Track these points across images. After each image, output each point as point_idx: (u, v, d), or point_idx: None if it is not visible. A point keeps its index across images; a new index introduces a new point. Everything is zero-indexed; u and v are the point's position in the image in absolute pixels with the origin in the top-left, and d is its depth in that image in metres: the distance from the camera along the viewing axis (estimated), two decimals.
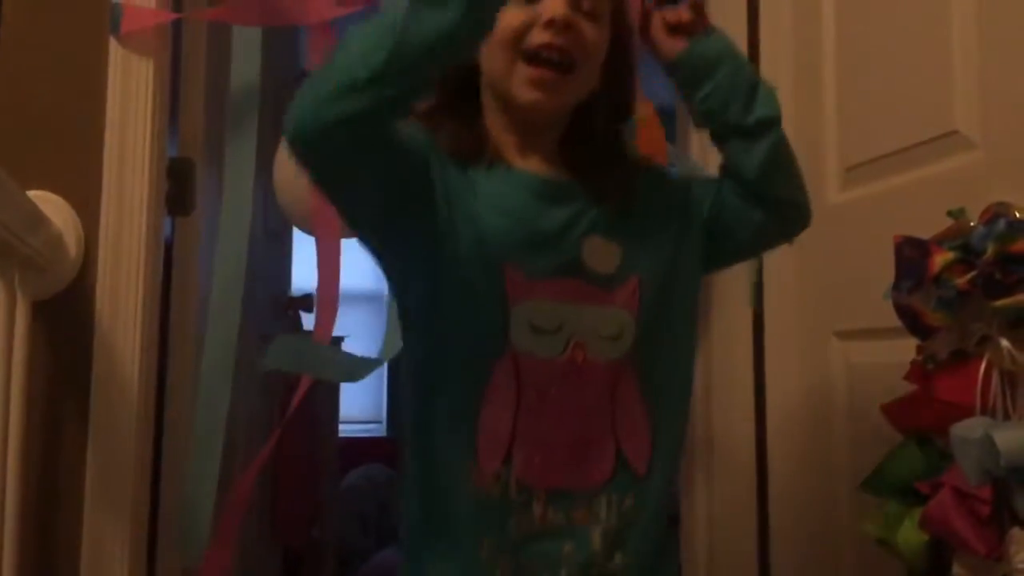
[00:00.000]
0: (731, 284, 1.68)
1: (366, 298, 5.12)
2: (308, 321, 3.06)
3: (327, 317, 1.64)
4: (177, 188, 1.53)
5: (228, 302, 1.54)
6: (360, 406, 5.08)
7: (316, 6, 1.56)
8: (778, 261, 1.56)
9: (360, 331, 5.23)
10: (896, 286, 1.11)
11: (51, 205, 1.38)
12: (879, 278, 1.14)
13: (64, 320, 1.39)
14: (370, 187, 0.87)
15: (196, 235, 1.62)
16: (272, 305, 2.52)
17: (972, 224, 1.07)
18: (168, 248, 1.54)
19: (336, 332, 1.75)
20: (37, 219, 1.28)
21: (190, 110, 1.60)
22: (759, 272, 1.62)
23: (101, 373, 1.38)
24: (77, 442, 1.38)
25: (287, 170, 1.72)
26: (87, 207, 1.41)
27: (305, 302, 2.61)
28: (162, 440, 1.51)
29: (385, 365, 1.56)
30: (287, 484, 2.56)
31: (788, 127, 1.58)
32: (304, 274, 3.55)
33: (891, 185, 1.31)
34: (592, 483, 0.94)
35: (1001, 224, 1.03)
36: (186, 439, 1.53)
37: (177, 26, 1.53)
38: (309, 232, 1.77)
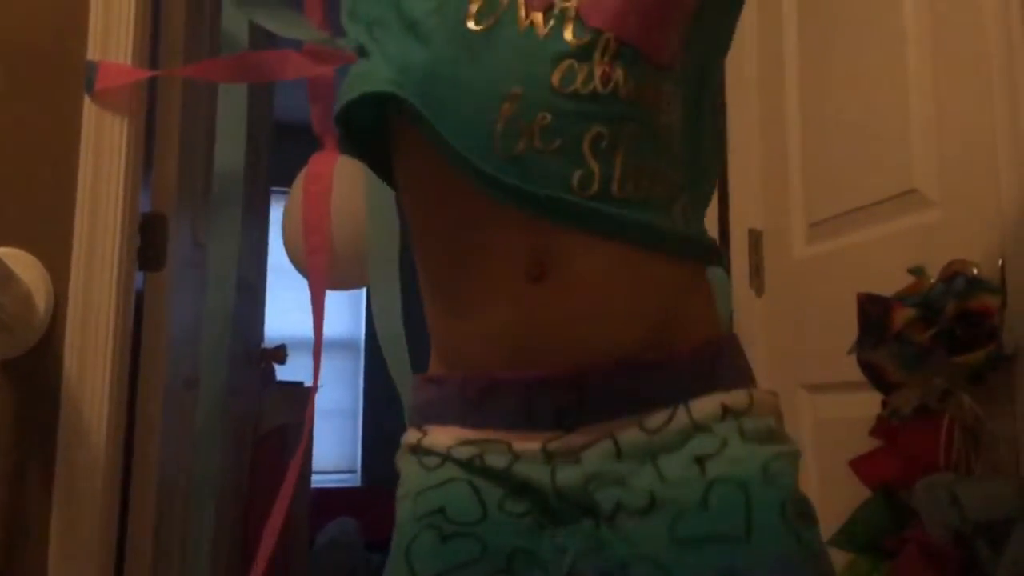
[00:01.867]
0: None
1: (342, 345, 5.11)
2: (281, 372, 3.05)
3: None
4: (149, 243, 1.53)
5: (216, 358, 1.55)
6: (334, 455, 5.03)
7: (293, 63, 1.59)
8: (746, 313, 1.58)
9: (336, 378, 5.21)
10: (859, 342, 1.13)
11: (21, 262, 1.37)
12: (846, 332, 1.16)
13: (31, 379, 1.38)
14: None
15: (167, 290, 1.62)
16: (245, 357, 2.51)
17: (932, 281, 1.10)
18: (139, 303, 1.54)
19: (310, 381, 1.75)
20: (5, 277, 1.28)
21: (163, 165, 1.61)
22: (728, 324, 1.64)
23: (68, 432, 1.37)
24: (42, 501, 1.36)
25: (293, 218, 1.74)
26: (57, 264, 1.40)
27: (277, 354, 2.60)
28: (128, 498, 1.49)
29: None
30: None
31: (755, 181, 1.62)
32: (277, 324, 3.55)
33: (854, 241, 1.34)
34: None
35: (960, 282, 1.06)
36: (153, 496, 1.52)
37: (152, 81, 1.54)
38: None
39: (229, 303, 1.56)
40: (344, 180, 1.62)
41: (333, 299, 1.79)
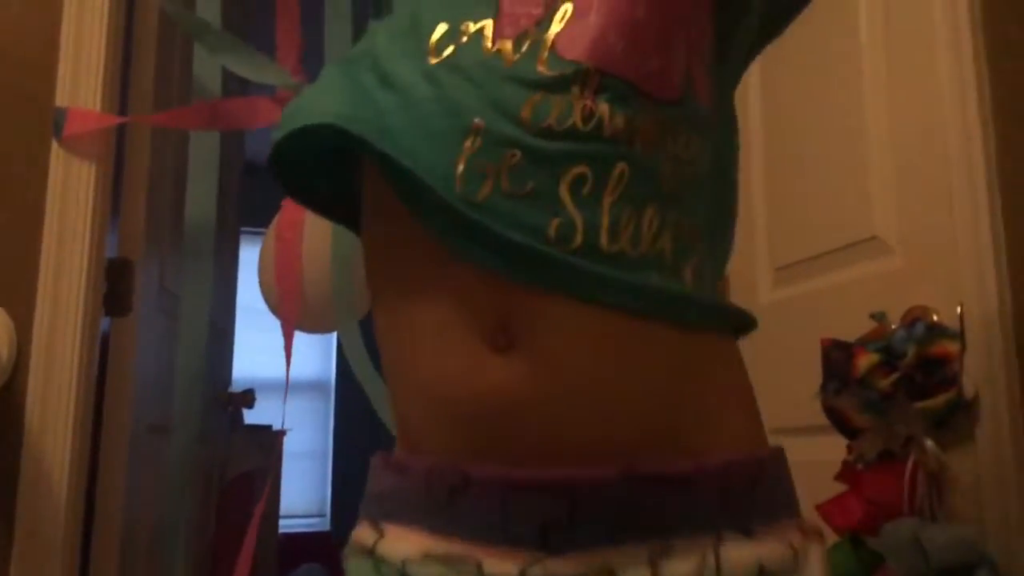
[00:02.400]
0: None
1: (312, 386, 5.07)
2: (249, 416, 3.01)
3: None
4: (115, 289, 1.52)
5: (189, 406, 1.54)
6: (303, 499, 4.96)
7: (264, 110, 1.59)
8: None
9: (305, 420, 5.16)
10: (823, 387, 1.14)
11: None
12: (812, 376, 1.17)
13: None
14: None
15: (133, 335, 1.60)
16: (212, 401, 2.48)
17: (893, 327, 1.12)
18: (104, 348, 1.52)
19: (280, 424, 1.74)
20: None
21: (131, 210, 1.60)
22: None
23: (29, 480, 1.34)
24: (2, 550, 1.33)
25: (268, 262, 1.73)
26: (21, 310, 1.39)
27: (246, 398, 2.57)
28: (90, 548, 1.46)
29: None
30: None
31: None
32: (245, 366, 3.51)
33: (818, 286, 1.36)
34: None
35: (920, 328, 1.08)
36: (116, 546, 1.49)
37: (120, 125, 1.54)
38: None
39: (202, 349, 1.55)
40: (318, 224, 1.62)
41: (303, 339, 1.78)
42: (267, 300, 1.83)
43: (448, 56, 0.57)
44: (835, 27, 1.34)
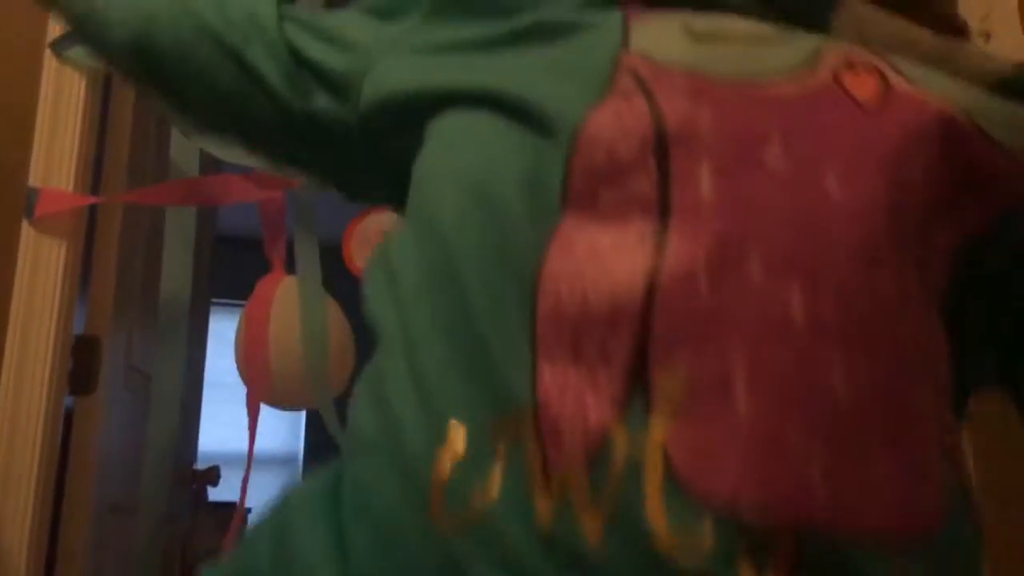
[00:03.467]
0: None
1: (279, 460, 4.98)
2: (213, 494, 2.95)
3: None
4: (81, 366, 1.51)
5: (156, 483, 1.51)
6: None
7: (238, 187, 1.61)
8: None
9: (272, 495, 5.05)
10: None
11: None
12: None
13: None
14: None
15: (98, 413, 1.58)
16: (177, 478, 2.44)
17: None
18: (68, 425, 1.50)
19: (248, 501, 1.72)
20: None
21: (100, 287, 1.60)
22: None
23: None
24: None
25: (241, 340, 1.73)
26: None
27: (210, 474, 2.53)
28: None
29: None
30: None
31: None
32: (212, 439, 3.45)
33: None
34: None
35: None
36: None
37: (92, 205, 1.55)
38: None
39: (171, 429, 1.54)
40: (289, 302, 1.63)
41: (271, 412, 1.77)
42: (241, 376, 1.82)
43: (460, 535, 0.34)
44: None
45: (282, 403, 1.76)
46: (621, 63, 0.43)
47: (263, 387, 1.57)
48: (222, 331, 2.79)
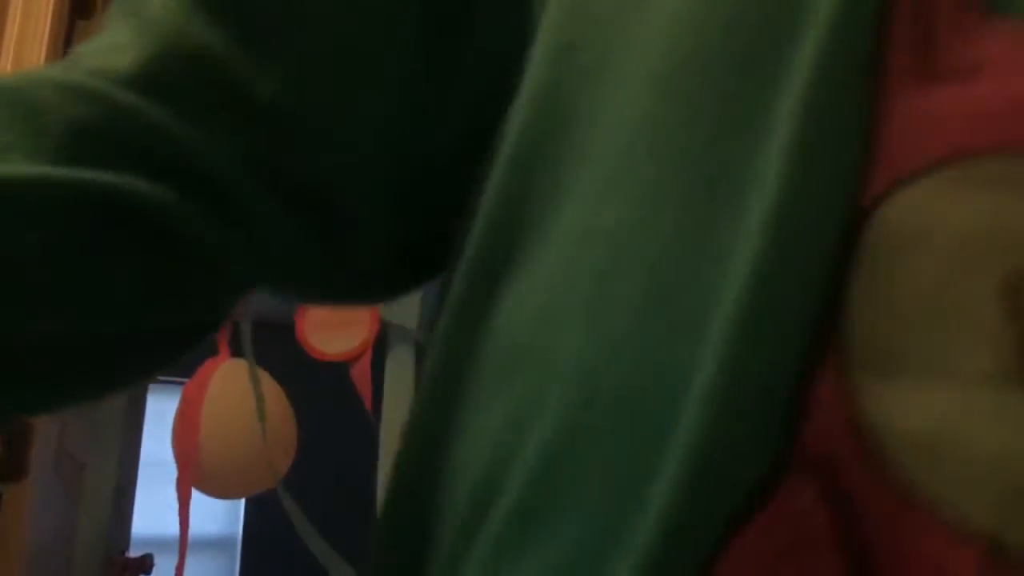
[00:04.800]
0: None
1: (216, 544, 4.83)
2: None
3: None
4: (10, 453, 1.46)
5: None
6: None
7: None
8: None
9: None
10: None
11: None
12: None
13: None
14: None
15: (27, 502, 1.53)
16: (107, 566, 2.35)
17: None
18: None
19: None
20: None
21: None
22: None
23: None
24: None
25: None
26: None
27: (144, 562, 2.44)
28: None
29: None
30: None
31: None
32: (147, 523, 3.34)
33: None
34: None
35: None
36: None
37: None
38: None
39: (104, 518, 1.50)
40: (227, 385, 1.61)
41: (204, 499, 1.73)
42: (175, 458, 1.78)
43: None
44: None
45: (211, 490, 1.72)
46: None
47: (193, 472, 1.54)
48: (163, 409, 2.73)
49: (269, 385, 1.62)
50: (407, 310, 1.68)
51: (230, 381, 1.61)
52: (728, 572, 0.20)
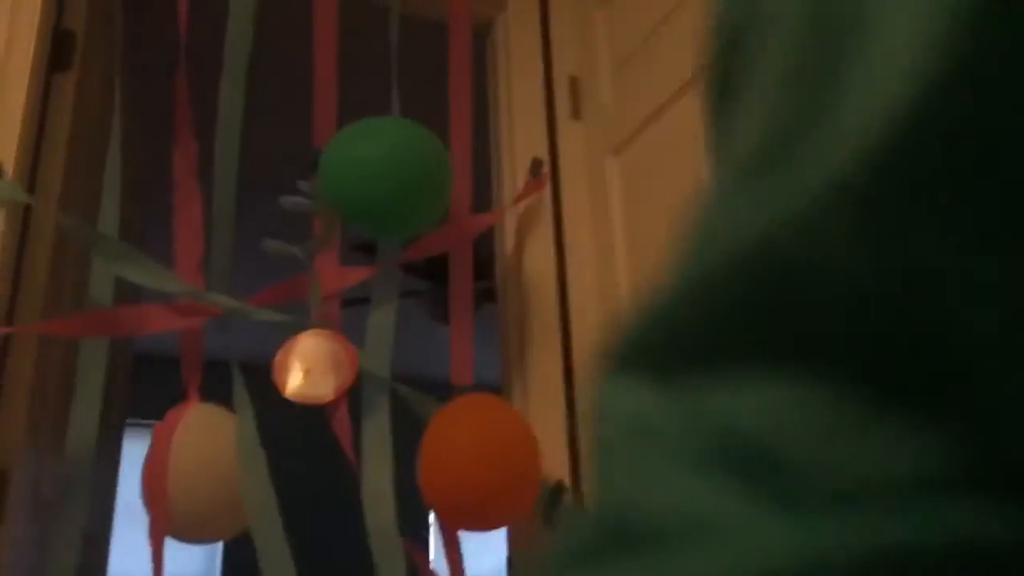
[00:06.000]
0: None
1: None
2: None
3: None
4: None
5: None
6: None
7: (155, 318, 1.62)
8: None
9: None
10: None
11: None
12: None
13: None
14: None
15: (3, 547, 1.54)
16: None
17: None
18: None
19: None
20: None
21: (11, 420, 1.57)
22: None
23: None
24: None
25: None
26: None
27: None
28: None
29: None
30: None
31: None
32: (123, 566, 3.31)
33: None
34: None
35: None
36: None
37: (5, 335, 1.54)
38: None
39: (73, 566, 1.50)
40: (195, 430, 1.62)
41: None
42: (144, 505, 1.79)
43: None
44: None
45: (181, 535, 1.72)
46: None
47: (163, 519, 1.55)
48: (138, 453, 2.73)
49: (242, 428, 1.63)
50: (380, 358, 1.71)
51: (198, 425, 1.62)
52: None
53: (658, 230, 1.60)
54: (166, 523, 1.56)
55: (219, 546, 4.81)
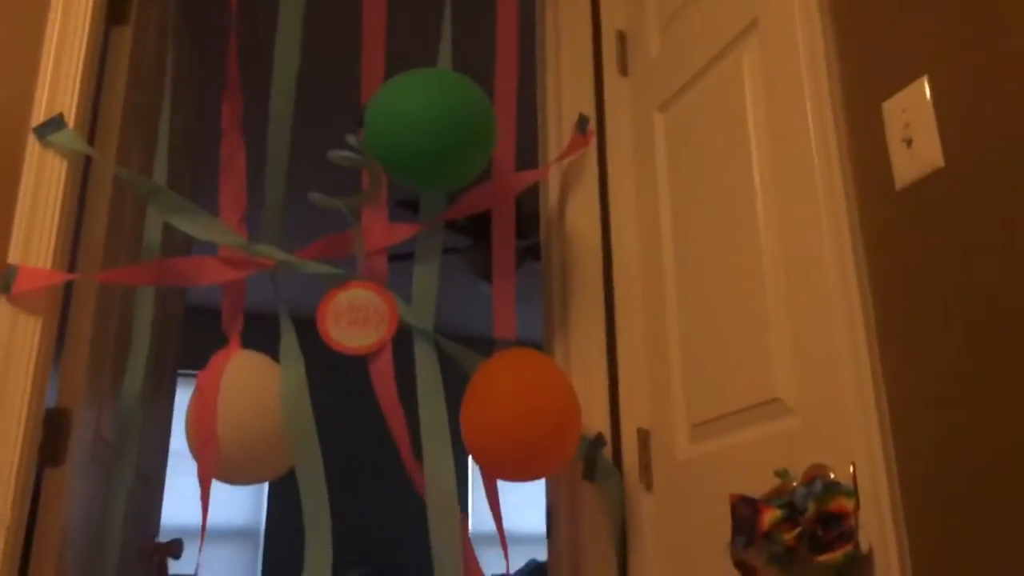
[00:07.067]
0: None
1: (240, 534, 4.93)
2: (175, 566, 2.93)
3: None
4: (51, 439, 1.54)
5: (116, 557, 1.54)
6: None
7: (209, 269, 1.67)
8: (636, 507, 1.66)
9: (232, 569, 4.98)
10: (733, 541, 1.21)
11: None
12: (727, 529, 1.24)
13: None
14: None
15: (66, 485, 1.61)
16: (137, 552, 2.43)
17: (795, 484, 1.20)
18: (35, 495, 1.53)
19: (207, 572, 1.73)
20: None
21: (73, 361, 1.64)
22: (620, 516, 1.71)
23: None
24: None
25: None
26: None
27: (172, 547, 2.52)
28: None
29: None
30: None
31: (642, 384, 1.74)
32: (175, 511, 3.44)
33: (730, 443, 1.45)
34: None
35: (818, 485, 1.17)
36: None
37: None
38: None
39: (123, 501, 1.57)
40: (240, 376, 1.67)
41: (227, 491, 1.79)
42: (190, 448, 1.85)
43: None
44: (735, 199, 1.49)
45: (230, 478, 1.78)
46: None
47: (212, 461, 1.61)
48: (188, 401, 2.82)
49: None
50: (425, 313, 1.75)
51: (242, 371, 1.67)
52: None
53: (703, 188, 1.61)
54: (213, 463, 1.62)
55: (264, 500, 4.95)
